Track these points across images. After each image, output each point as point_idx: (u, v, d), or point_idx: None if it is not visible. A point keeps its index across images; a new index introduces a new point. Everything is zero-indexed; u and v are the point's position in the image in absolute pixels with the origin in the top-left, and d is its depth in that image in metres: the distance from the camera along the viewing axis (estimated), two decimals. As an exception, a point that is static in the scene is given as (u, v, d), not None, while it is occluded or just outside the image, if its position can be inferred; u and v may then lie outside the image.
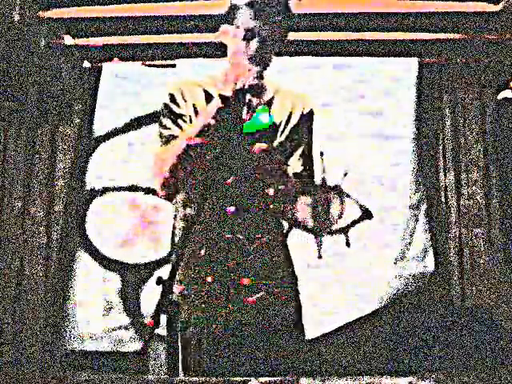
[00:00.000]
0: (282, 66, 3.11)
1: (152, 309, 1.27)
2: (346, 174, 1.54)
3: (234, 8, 1.66)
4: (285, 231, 1.82)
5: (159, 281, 1.27)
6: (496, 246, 3.38)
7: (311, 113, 1.83)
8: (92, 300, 3.45)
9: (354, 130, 3.49)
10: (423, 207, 3.45)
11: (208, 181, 1.48)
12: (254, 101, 1.58)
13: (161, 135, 1.81)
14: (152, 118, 3.61)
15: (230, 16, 1.68)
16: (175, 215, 1.78)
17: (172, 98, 1.80)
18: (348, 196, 1.58)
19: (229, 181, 1.67)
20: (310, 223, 1.55)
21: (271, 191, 1.65)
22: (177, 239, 1.78)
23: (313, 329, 2.97)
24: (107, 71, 3.63)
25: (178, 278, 1.68)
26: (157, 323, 1.21)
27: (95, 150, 3.64)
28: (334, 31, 3.33)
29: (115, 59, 3.51)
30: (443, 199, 3.47)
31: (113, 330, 3.42)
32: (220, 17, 1.72)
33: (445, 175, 3.48)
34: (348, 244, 1.71)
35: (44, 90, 3.35)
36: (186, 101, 1.78)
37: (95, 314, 3.43)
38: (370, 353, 3.00)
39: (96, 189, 3.60)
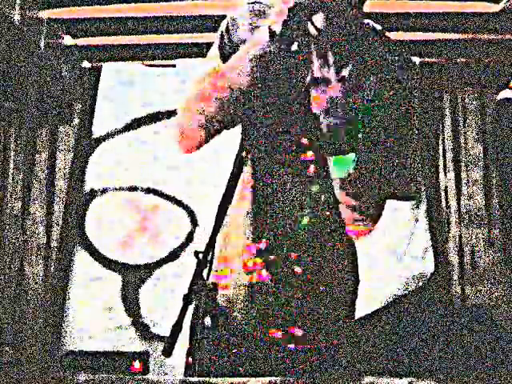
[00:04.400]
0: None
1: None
2: None
3: None
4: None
5: (196, 255, 1.16)
6: (496, 246, 3.38)
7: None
8: (92, 300, 3.45)
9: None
10: (423, 207, 3.46)
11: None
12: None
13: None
14: (152, 118, 3.62)
15: None
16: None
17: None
18: None
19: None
20: None
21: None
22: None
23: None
24: (107, 71, 3.63)
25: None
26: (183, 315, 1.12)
27: (95, 150, 3.64)
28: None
29: None
30: (443, 199, 3.47)
31: (113, 330, 3.42)
32: None
33: (445, 175, 3.48)
34: None
35: (44, 90, 3.35)
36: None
37: (95, 314, 3.43)
38: (369, 353, 3.00)
39: (96, 189, 3.60)
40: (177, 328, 1.14)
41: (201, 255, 1.18)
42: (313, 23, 1.44)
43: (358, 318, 1.60)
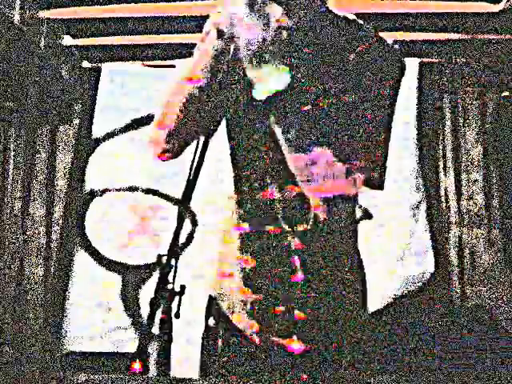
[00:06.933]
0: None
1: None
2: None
3: None
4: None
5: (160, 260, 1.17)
6: (496, 246, 3.38)
7: None
8: (92, 300, 3.45)
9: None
10: (423, 207, 3.45)
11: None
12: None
13: None
14: (151, 118, 3.61)
15: None
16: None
17: None
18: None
19: None
20: None
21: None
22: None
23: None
24: (107, 71, 3.63)
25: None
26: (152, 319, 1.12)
27: (95, 151, 3.64)
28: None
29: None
30: (443, 199, 3.47)
31: (112, 330, 3.42)
32: None
33: (445, 175, 3.48)
34: None
35: (44, 90, 3.35)
36: None
37: (95, 314, 3.43)
38: (370, 353, 3.00)
39: (96, 189, 3.60)
40: (148, 334, 1.12)
41: (164, 259, 1.17)
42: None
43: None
